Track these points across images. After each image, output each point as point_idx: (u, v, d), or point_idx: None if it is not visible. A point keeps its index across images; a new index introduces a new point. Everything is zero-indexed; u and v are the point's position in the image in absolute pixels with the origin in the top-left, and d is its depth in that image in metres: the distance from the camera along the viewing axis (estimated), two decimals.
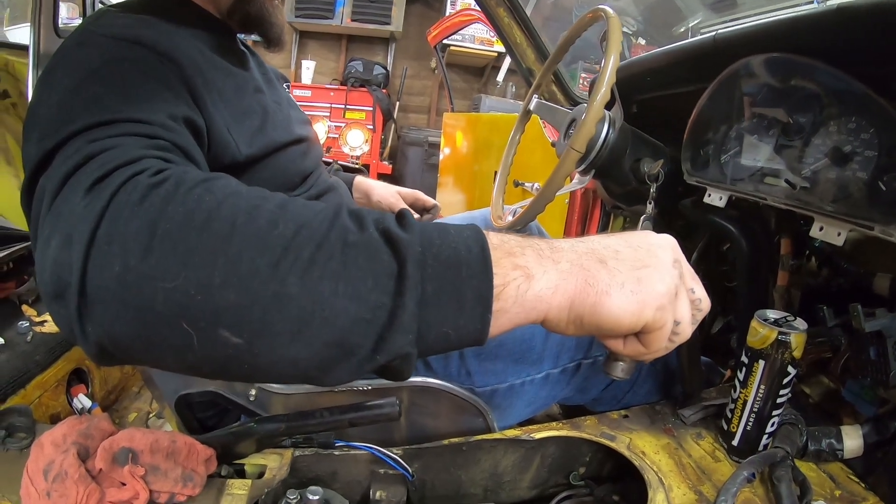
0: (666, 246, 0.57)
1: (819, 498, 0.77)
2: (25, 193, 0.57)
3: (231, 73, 0.88)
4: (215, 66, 0.84)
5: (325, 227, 0.46)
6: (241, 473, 0.82)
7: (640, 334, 0.55)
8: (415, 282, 0.45)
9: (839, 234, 0.78)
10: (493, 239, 0.51)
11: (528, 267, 0.50)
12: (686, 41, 1.16)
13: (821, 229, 0.80)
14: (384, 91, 5.88)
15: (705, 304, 0.59)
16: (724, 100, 0.99)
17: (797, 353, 0.78)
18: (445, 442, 0.90)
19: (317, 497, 0.75)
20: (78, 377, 1.67)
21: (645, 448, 0.87)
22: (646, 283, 0.53)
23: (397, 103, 5.99)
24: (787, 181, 0.85)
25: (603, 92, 0.89)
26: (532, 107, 1.34)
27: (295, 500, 0.74)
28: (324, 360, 0.46)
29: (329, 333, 0.45)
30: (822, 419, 0.90)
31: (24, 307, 1.68)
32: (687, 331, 0.57)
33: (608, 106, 1.07)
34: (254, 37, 1.04)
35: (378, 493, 0.86)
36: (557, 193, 0.99)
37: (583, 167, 1.10)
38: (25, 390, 1.40)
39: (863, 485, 0.80)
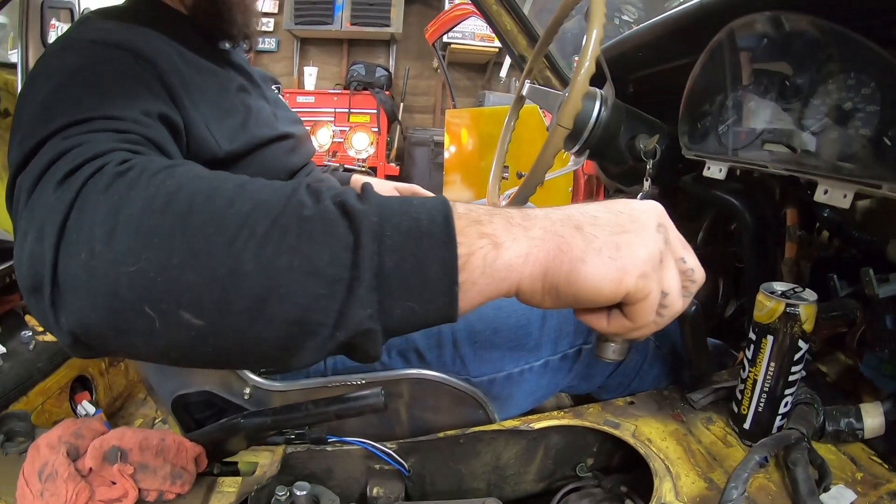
0: (649, 211, 0.53)
1: (839, 481, 0.72)
2: (8, 197, 0.58)
3: (212, 73, 0.90)
4: (196, 66, 0.85)
5: (280, 203, 0.45)
6: (234, 472, 0.81)
7: (624, 306, 0.52)
8: (370, 252, 0.44)
9: (845, 196, 0.74)
10: (458, 208, 0.48)
11: (496, 235, 0.48)
12: (673, 10, 1.12)
13: (825, 192, 0.76)
14: (387, 93, 5.90)
15: (698, 274, 0.55)
16: (718, 68, 0.95)
17: (808, 326, 0.74)
18: (441, 434, 0.88)
19: (304, 493, 0.74)
20: (82, 384, 1.71)
21: (651, 435, 0.83)
22: (625, 249, 0.49)
23: (401, 104, 6.01)
24: (787, 145, 0.81)
25: (587, 66, 0.85)
26: (525, 92, 1.31)
27: (284, 497, 0.74)
28: (286, 338, 0.45)
29: (289, 311, 0.44)
30: (840, 398, 0.86)
31: (28, 318, 1.72)
32: (677, 303, 0.53)
33: (599, 84, 1.04)
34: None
35: (375, 490, 0.84)
36: (552, 175, 0.96)
37: (577, 147, 1.07)
38: (28, 397, 1.44)
39: (886, 466, 0.75)
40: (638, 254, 0.49)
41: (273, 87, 1.24)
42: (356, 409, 0.76)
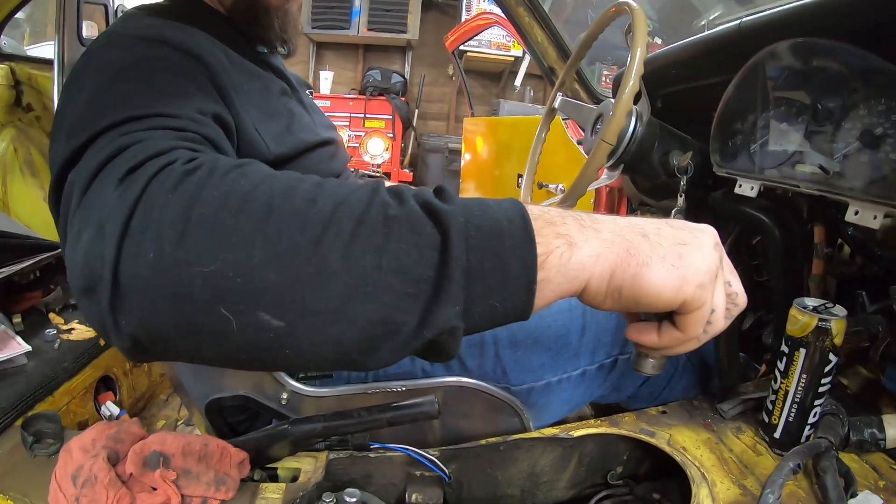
0: (707, 231, 0.56)
1: (864, 489, 0.75)
2: (53, 193, 0.56)
3: (256, 76, 0.89)
4: (240, 67, 0.85)
5: (364, 202, 0.46)
6: (274, 478, 0.81)
7: (677, 316, 0.54)
8: (460, 251, 0.45)
9: (875, 218, 0.76)
10: (532, 210, 0.50)
11: (571, 235, 0.50)
12: (711, 31, 1.15)
13: (856, 213, 0.79)
14: (402, 99, 5.90)
15: (741, 298, 0.58)
16: (752, 89, 0.97)
17: (838, 340, 0.77)
18: (483, 442, 0.89)
19: (354, 499, 0.73)
20: (106, 385, 1.70)
21: (685, 443, 0.86)
22: (687, 259, 0.51)
23: (416, 111, 6.01)
24: (820, 166, 0.84)
25: (632, 84, 0.88)
26: (557, 105, 1.34)
27: (331, 503, 0.73)
28: (368, 338, 0.45)
29: (373, 310, 0.44)
30: (862, 410, 0.88)
31: (52, 315, 1.72)
32: (720, 322, 0.55)
33: (635, 100, 1.06)
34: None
35: (414, 496, 0.85)
36: (588, 188, 0.98)
37: (612, 162, 1.09)
38: (53, 397, 1.42)
39: None
40: (698, 265, 0.51)
41: (307, 91, 1.25)
42: (410, 416, 0.77)
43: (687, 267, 0.51)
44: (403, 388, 0.90)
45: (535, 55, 1.73)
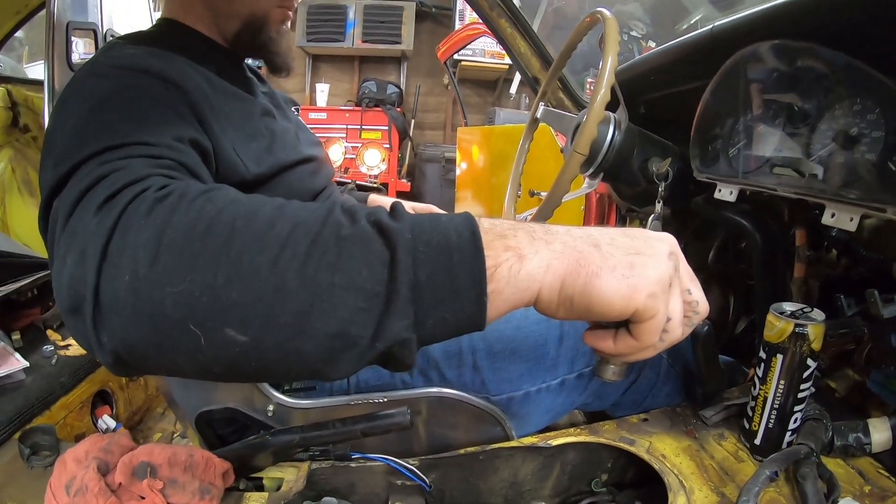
0: (663, 240, 0.56)
1: (847, 494, 0.74)
2: (42, 218, 0.59)
3: (238, 98, 0.92)
4: (222, 91, 0.87)
5: (318, 223, 0.48)
6: (260, 487, 0.83)
7: (631, 325, 0.54)
8: (406, 267, 0.46)
9: (851, 220, 0.76)
10: (483, 223, 0.51)
11: (520, 248, 0.50)
12: (685, 37, 1.15)
13: (832, 216, 0.79)
14: (399, 109, 5.91)
15: (702, 307, 0.57)
16: (728, 93, 0.98)
17: (816, 346, 0.76)
18: (462, 451, 0.90)
19: None
20: (102, 399, 1.72)
21: (665, 451, 0.85)
22: (638, 269, 0.51)
23: (412, 121, 6.02)
24: (795, 170, 0.84)
25: (602, 93, 0.89)
26: (539, 115, 1.34)
27: None
28: (327, 351, 0.47)
29: (330, 325, 0.46)
30: (849, 413, 0.88)
31: (49, 332, 1.75)
32: (676, 330, 0.55)
33: (612, 108, 1.06)
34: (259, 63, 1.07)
35: None
36: (567, 198, 0.98)
37: (591, 171, 1.09)
38: (51, 411, 1.45)
39: (893, 479, 0.77)
40: (649, 275, 0.51)
41: (293, 108, 1.26)
42: (383, 427, 0.78)
43: (638, 276, 0.51)
44: (385, 400, 0.91)
45: (519, 66, 1.73)
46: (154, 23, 0.98)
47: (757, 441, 0.83)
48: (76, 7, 1.95)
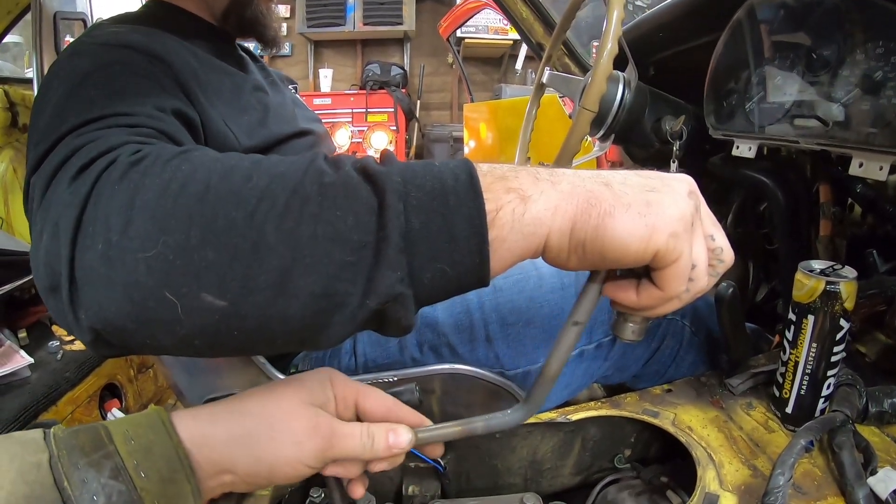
0: (682, 178, 0.50)
1: (885, 464, 0.69)
2: (25, 201, 0.58)
3: (228, 74, 0.90)
4: (210, 66, 0.85)
5: (299, 173, 0.45)
6: None
7: (654, 272, 0.49)
8: (396, 212, 0.43)
9: (881, 169, 0.71)
10: (482, 167, 0.47)
11: (523, 189, 0.46)
12: None
13: (860, 165, 0.74)
14: (404, 91, 5.90)
15: (727, 254, 0.51)
16: (741, 44, 0.93)
17: (849, 305, 0.71)
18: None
19: (338, 493, 0.71)
20: (111, 392, 1.73)
21: (692, 423, 0.81)
22: (655, 207, 0.46)
23: (418, 102, 6.01)
24: (818, 118, 0.79)
25: (609, 47, 0.84)
26: (545, 79, 1.29)
27: (318, 498, 0.72)
28: (315, 313, 0.44)
29: (315, 282, 0.42)
30: (881, 378, 0.83)
31: (55, 328, 1.75)
32: (702, 279, 0.49)
33: (621, 67, 1.02)
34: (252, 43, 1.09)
35: (411, 488, 0.82)
36: (579, 161, 0.94)
37: (601, 132, 1.05)
38: (57, 406, 1.45)
39: None
40: (669, 212, 0.46)
41: (290, 87, 1.25)
42: None
43: (656, 215, 0.46)
44: (395, 378, 0.88)
45: (522, 32, 1.68)
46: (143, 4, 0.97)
47: (788, 410, 0.78)
48: None
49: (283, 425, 0.54)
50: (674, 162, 0.98)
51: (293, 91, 1.23)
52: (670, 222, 0.46)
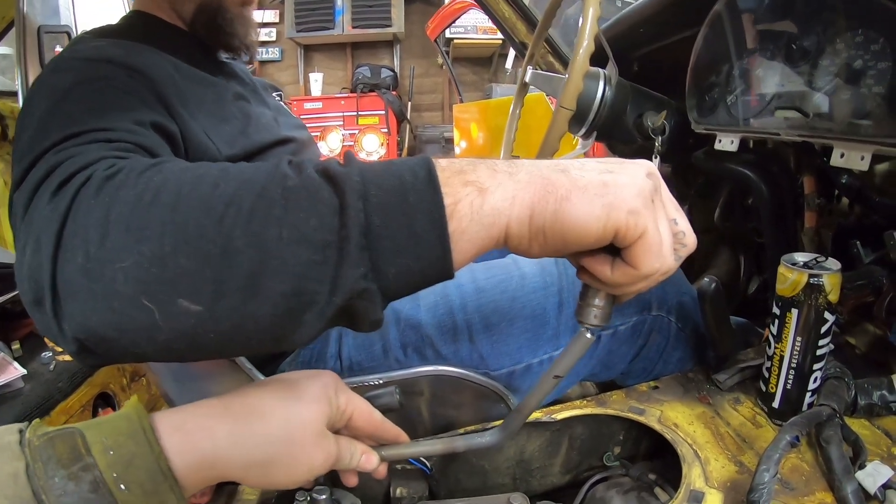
0: (640, 162, 0.51)
1: (874, 457, 0.69)
2: (10, 216, 0.59)
3: (208, 83, 0.91)
4: (190, 77, 0.87)
5: (264, 178, 0.46)
6: None
7: (623, 252, 0.49)
8: (356, 211, 0.44)
9: (862, 158, 0.70)
10: (441, 162, 0.48)
11: (480, 181, 0.47)
12: None
13: (842, 156, 0.73)
14: (394, 93, 5.89)
15: (689, 238, 0.52)
16: (721, 37, 0.93)
17: (833, 297, 0.71)
18: (461, 431, 0.86)
19: (324, 497, 0.72)
20: (105, 401, 1.73)
21: (678, 419, 0.81)
22: (612, 186, 0.47)
23: (409, 103, 6.00)
24: (799, 109, 0.78)
25: (586, 44, 0.83)
26: (528, 78, 1.29)
27: (304, 502, 0.72)
28: (285, 313, 0.45)
29: (284, 283, 0.44)
30: (871, 370, 0.83)
31: (48, 339, 1.72)
32: (668, 259, 0.50)
33: (601, 64, 1.01)
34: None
35: (399, 490, 0.82)
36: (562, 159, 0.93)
37: (584, 130, 1.04)
38: (50, 417, 1.46)
39: None
40: (625, 191, 0.47)
41: (274, 94, 1.24)
42: None
43: (613, 194, 0.46)
44: (380, 381, 0.87)
45: (505, 32, 1.68)
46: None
47: (775, 404, 0.78)
48: (47, 11, 1.92)
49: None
50: (656, 157, 0.98)
51: (278, 98, 1.23)
52: (627, 199, 0.47)
